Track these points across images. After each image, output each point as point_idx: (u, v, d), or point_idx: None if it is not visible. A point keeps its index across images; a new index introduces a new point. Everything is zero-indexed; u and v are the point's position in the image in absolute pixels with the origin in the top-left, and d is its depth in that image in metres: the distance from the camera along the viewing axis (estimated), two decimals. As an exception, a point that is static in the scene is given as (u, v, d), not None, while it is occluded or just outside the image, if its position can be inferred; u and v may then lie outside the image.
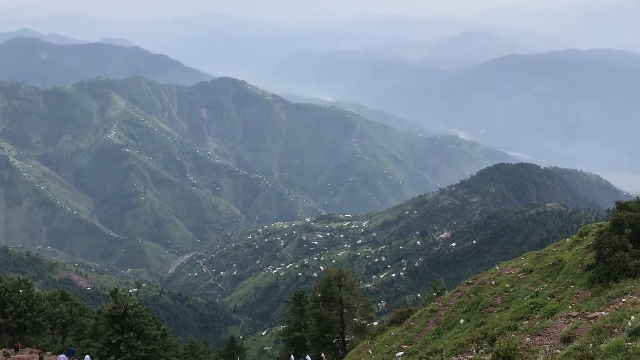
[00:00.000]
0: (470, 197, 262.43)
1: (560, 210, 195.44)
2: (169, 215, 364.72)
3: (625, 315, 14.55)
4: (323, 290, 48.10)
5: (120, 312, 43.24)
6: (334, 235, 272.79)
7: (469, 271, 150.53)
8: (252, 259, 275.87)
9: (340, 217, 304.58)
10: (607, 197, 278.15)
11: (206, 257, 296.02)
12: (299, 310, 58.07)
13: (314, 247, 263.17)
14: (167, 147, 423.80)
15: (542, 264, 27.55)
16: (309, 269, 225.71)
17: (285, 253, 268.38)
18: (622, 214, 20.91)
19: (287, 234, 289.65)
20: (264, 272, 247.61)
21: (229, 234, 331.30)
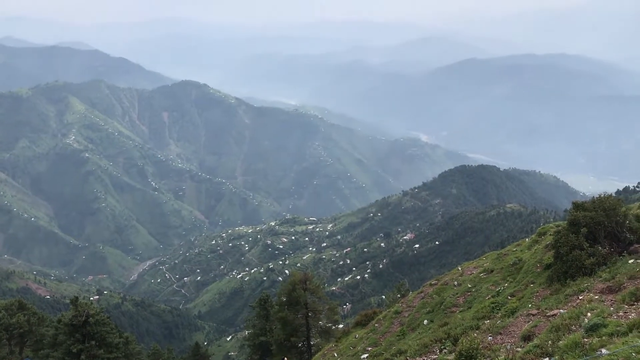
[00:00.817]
0: (433, 198, 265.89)
1: (519, 210, 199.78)
2: (130, 221, 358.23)
3: (582, 312, 14.94)
4: (288, 294, 47.99)
5: (81, 321, 42.21)
6: (298, 239, 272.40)
7: (432, 272, 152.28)
8: (216, 264, 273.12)
9: (305, 220, 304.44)
10: (565, 197, 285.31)
11: (169, 263, 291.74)
12: (264, 314, 57.83)
13: (279, 251, 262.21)
14: (128, 152, 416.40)
15: (502, 263, 28.08)
16: (274, 273, 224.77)
17: (249, 257, 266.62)
18: (578, 214, 21.49)
19: (252, 238, 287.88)
20: (228, 277, 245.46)
21: (193, 239, 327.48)
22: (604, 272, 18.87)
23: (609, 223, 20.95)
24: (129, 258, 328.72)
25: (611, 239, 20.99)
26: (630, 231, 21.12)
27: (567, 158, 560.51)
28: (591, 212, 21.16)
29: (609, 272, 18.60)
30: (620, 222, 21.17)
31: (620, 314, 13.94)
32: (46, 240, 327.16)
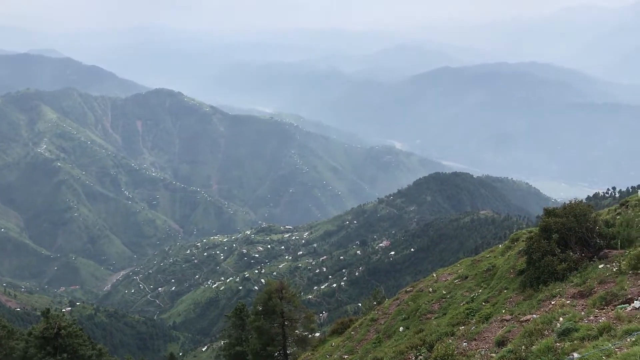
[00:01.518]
0: (408, 206, 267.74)
1: (493, 217, 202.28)
2: (103, 230, 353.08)
3: (554, 317, 15.15)
4: (264, 303, 47.71)
5: (52, 333, 41.34)
6: (274, 247, 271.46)
7: (408, 279, 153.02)
8: (191, 274, 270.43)
9: (281, 228, 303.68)
10: (537, 203, 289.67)
11: (143, 273, 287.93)
12: (240, 324, 57.35)
13: (255, 259, 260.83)
14: (100, 161, 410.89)
15: (476, 270, 28.35)
16: (249, 282, 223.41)
17: (225, 267, 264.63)
18: (550, 220, 21.83)
19: (227, 247, 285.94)
20: (203, 287, 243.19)
21: (167, 249, 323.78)
22: (575, 277, 19.17)
23: (579, 229, 21.33)
24: (102, 268, 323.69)
25: (582, 244, 21.37)
26: (600, 236, 21.53)
27: (539, 165, 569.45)
28: (562, 218, 21.52)
29: (580, 277, 18.90)
30: (591, 228, 21.57)
31: (591, 318, 14.16)
32: (17, 251, 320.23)
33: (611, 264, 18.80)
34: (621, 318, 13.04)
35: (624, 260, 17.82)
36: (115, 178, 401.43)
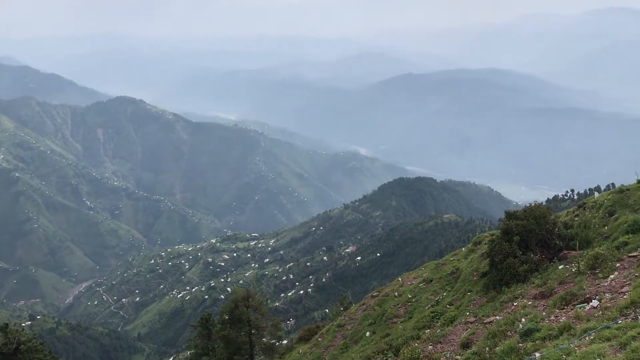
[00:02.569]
0: (373, 211, 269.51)
1: (456, 220, 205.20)
2: (64, 242, 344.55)
3: (517, 318, 15.43)
4: (230, 312, 47.32)
5: (11, 349, 40.10)
6: (240, 256, 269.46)
7: (374, 283, 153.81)
8: (156, 284, 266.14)
9: (247, 236, 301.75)
10: (499, 206, 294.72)
11: (106, 284, 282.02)
12: (206, 333, 56.59)
13: (221, 268, 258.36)
14: (60, 170, 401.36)
15: (440, 273, 28.70)
16: (215, 291, 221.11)
17: (190, 276, 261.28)
18: (511, 223, 22.28)
19: (192, 256, 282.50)
20: (168, 297, 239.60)
21: (130, 259, 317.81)
22: (537, 278, 19.58)
23: (539, 231, 21.82)
24: (64, 280, 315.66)
25: (542, 246, 21.86)
26: (559, 238, 22.07)
27: (500, 169, 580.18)
28: (523, 221, 21.98)
29: (541, 278, 19.31)
30: (550, 230, 22.09)
31: (552, 318, 14.47)
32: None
33: (570, 264, 19.27)
34: (580, 317, 13.37)
35: (582, 260, 18.28)
36: (76, 188, 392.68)
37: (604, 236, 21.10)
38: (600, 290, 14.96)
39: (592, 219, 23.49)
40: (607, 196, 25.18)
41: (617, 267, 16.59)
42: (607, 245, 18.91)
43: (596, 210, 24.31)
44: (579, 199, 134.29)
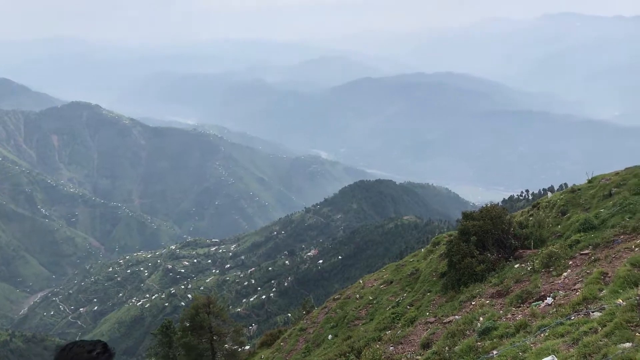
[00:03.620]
0: (334, 214, 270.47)
1: (415, 222, 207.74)
2: (18, 251, 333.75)
3: (475, 317, 15.71)
4: (191, 319, 46.80)
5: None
6: (201, 262, 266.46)
7: (337, 286, 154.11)
8: (115, 292, 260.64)
9: (207, 242, 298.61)
10: (456, 207, 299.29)
11: (63, 294, 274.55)
12: (167, 341, 55.75)
13: (181, 275, 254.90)
14: (14, 178, 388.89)
15: (401, 274, 28.99)
16: (176, 298, 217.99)
17: (150, 283, 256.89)
18: (468, 224, 22.69)
19: (152, 264, 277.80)
20: (127, 305, 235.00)
21: (88, 267, 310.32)
22: (494, 278, 19.98)
23: (495, 231, 22.29)
24: (18, 291, 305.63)
25: (498, 245, 22.33)
26: (515, 237, 22.58)
27: (457, 170, 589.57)
28: (479, 222, 22.42)
29: (498, 277, 19.71)
30: (506, 230, 22.59)
31: (509, 316, 14.78)
32: None
33: (525, 263, 19.73)
34: (536, 315, 13.69)
35: (537, 259, 18.74)
36: (30, 195, 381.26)
37: (557, 235, 21.67)
38: (554, 288, 15.35)
39: (545, 218, 24.12)
40: (559, 196, 25.89)
41: (570, 264, 17.06)
42: (561, 244, 19.43)
43: (549, 210, 24.96)
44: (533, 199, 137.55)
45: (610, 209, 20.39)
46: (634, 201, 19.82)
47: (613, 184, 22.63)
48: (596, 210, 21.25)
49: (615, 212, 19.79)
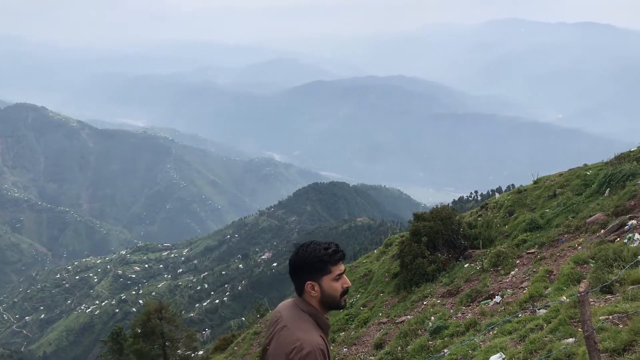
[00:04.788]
0: (288, 216, 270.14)
1: (369, 223, 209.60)
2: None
3: (426, 316, 16.00)
4: (143, 325, 45.99)
5: None
6: (152, 266, 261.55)
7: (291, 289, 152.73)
8: (62, 300, 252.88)
9: (159, 246, 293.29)
10: (408, 208, 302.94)
11: (7, 302, 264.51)
12: (118, 348, 54.54)
13: (132, 280, 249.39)
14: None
15: (354, 275, 29.19)
16: (127, 304, 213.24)
17: (99, 289, 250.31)
18: (419, 224, 23.08)
19: (101, 269, 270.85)
20: (76, 312, 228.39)
21: (34, 274, 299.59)
22: (444, 277, 20.38)
23: (446, 231, 22.75)
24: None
25: (449, 245, 22.79)
26: (464, 237, 23.10)
27: (409, 172, 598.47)
28: (430, 222, 22.83)
29: (448, 277, 20.13)
30: (456, 230, 23.08)
31: (459, 315, 15.10)
32: None
33: (475, 262, 20.21)
34: (485, 313, 14.04)
35: (485, 259, 19.23)
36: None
37: (505, 235, 22.26)
38: (502, 287, 15.77)
39: (493, 218, 24.75)
40: (507, 196, 26.62)
41: (517, 263, 17.56)
42: (508, 243, 19.98)
43: (497, 210, 25.63)
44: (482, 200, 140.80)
45: (554, 209, 21.09)
46: (576, 201, 20.57)
47: (557, 185, 23.42)
48: (541, 210, 21.93)
49: (559, 212, 20.48)
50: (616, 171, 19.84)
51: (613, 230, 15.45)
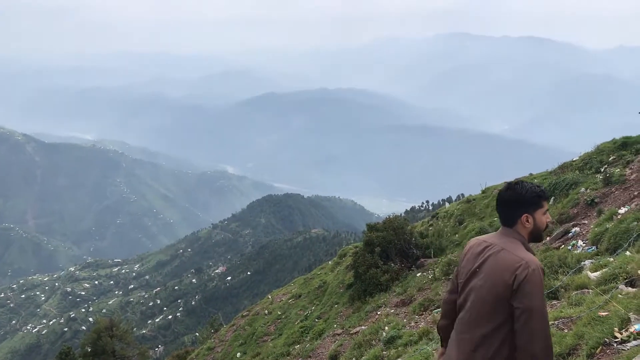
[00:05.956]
0: (243, 229, 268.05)
1: (323, 234, 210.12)
2: None
3: (380, 327, 16.14)
4: (93, 343, 44.77)
5: None
6: (102, 283, 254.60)
7: (246, 303, 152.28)
8: (7, 320, 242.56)
9: (109, 262, 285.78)
10: (362, 219, 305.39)
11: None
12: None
13: (81, 297, 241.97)
14: None
15: (309, 287, 29.23)
16: (76, 323, 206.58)
17: (47, 308, 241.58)
18: (372, 235, 23.35)
19: (49, 287, 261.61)
20: (22, 333, 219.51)
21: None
22: (398, 287, 20.64)
23: (398, 241, 23.09)
24: None
25: (401, 255, 23.12)
26: (417, 247, 23.48)
27: (362, 183, 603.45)
28: (383, 232, 23.13)
29: (402, 286, 20.39)
30: (408, 240, 23.44)
31: (412, 324, 15.30)
32: None
33: (427, 271, 20.55)
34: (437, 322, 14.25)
35: (437, 267, 19.59)
36: None
37: (455, 243, 22.74)
38: (453, 295, 16.04)
39: (444, 227, 25.28)
40: (456, 206, 27.24)
41: (467, 271, 17.91)
42: (458, 252, 20.41)
43: (448, 220, 26.19)
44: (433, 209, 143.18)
45: (502, 217, 21.63)
46: (523, 209, 21.15)
47: (504, 194, 24.04)
48: (490, 219, 22.53)
49: (506, 220, 21.02)
50: (560, 180, 20.59)
51: (558, 238, 16.01)
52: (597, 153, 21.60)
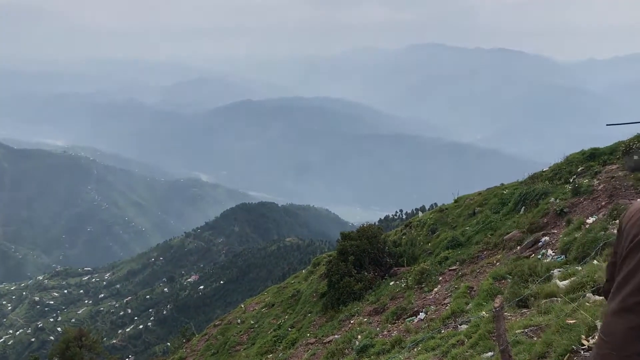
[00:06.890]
0: (216, 238, 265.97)
1: (298, 243, 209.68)
2: None
3: (353, 335, 16.16)
4: (61, 354, 43.86)
5: None
6: (72, 292, 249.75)
7: (219, 312, 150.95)
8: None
9: (79, 271, 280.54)
10: (336, 227, 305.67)
11: None
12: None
13: (50, 307, 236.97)
14: None
15: (282, 296, 29.13)
16: (44, 333, 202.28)
17: (13, 318, 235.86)
18: (346, 243, 23.39)
19: (16, 296, 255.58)
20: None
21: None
22: (371, 296, 20.69)
23: (372, 250, 23.17)
24: None
25: (375, 264, 23.20)
26: (390, 255, 23.60)
27: (336, 192, 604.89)
28: (357, 241, 23.20)
29: (375, 295, 20.45)
30: (381, 248, 23.55)
31: (385, 332, 15.35)
32: None
33: (400, 280, 20.65)
34: (409, 330, 14.34)
35: (410, 276, 19.70)
36: None
37: (428, 252, 22.93)
38: (426, 303, 16.19)
39: (417, 236, 25.48)
40: (429, 215, 27.48)
41: (440, 280, 18.11)
42: (431, 261, 20.58)
43: (421, 229, 26.39)
44: (406, 218, 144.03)
45: (474, 226, 21.94)
46: (494, 219, 21.50)
47: (476, 204, 24.39)
48: (462, 228, 22.77)
49: (478, 230, 21.33)
50: (530, 190, 20.94)
51: (528, 247, 16.26)
52: (566, 164, 22.04)
